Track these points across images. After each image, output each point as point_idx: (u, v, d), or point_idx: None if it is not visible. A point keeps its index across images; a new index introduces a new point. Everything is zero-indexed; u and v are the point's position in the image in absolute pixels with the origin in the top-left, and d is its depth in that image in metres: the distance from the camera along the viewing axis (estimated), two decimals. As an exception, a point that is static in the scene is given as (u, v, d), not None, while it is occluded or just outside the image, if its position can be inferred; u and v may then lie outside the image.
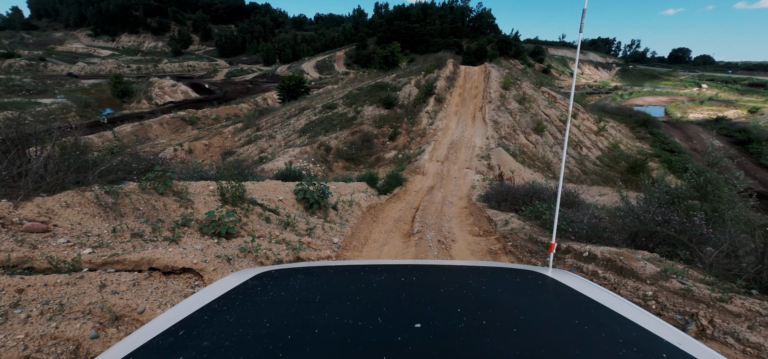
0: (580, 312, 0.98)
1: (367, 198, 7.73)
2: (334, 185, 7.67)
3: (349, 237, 5.21)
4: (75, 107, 38.53)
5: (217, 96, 51.14)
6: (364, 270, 1.27)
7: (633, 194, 17.71)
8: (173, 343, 0.82)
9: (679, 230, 3.72)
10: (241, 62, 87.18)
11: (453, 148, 17.68)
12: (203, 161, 22.73)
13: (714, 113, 45.29)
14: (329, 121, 21.35)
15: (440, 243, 5.48)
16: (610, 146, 21.83)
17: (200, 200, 3.74)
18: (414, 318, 0.91)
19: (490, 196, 8.86)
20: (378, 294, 1.08)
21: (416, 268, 1.30)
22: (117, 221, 2.78)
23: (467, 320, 0.90)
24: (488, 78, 26.08)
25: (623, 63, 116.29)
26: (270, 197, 4.90)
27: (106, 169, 3.29)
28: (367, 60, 70.44)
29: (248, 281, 1.20)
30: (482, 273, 1.27)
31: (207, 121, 35.64)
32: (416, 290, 1.12)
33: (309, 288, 1.12)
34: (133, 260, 2.33)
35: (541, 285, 1.19)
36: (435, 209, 8.57)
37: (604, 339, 0.84)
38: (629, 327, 0.89)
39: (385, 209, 8.01)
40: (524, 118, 21.52)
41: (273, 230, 3.97)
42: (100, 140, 26.11)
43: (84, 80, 57.48)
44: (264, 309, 0.99)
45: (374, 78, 28.88)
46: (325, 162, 17.58)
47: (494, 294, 1.09)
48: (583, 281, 1.22)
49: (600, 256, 3.53)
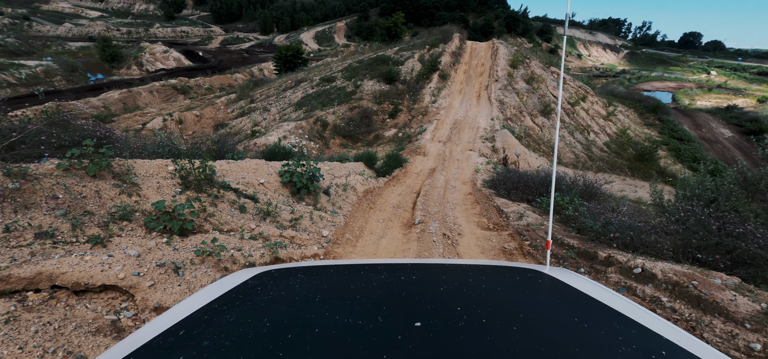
0: (579, 309, 0.98)
1: (363, 181, 7.00)
2: (328, 165, 6.91)
3: (342, 228, 4.51)
4: (61, 71, 36.89)
5: (212, 65, 49.22)
6: (364, 269, 1.27)
7: (639, 184, 17.13)
8: (173, 343, 0.81)
9: (764, 245, 2.91)
10: (237, 30, 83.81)
11: (456, 128, 16.81)
12: (193, 132, 21.77)
13: (722, 100, 44.17)
14: (327, 95, 20.26)
15: (446, 238, 4.81)
16: (618, 132, 21.02)
17: (151, 184, 2.98)
18: (414, 316, 0.91)
19: (497, 182, 8.15)
20: (378, 292, 1.08)
21: (416, 267, 1.30)
22: (17, 214, 2.03)
23: (467, 318, 0.90)
24: (496, 55, 24.78)
25: (632, 46, 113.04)
26: (249, 181, 4.15)
27: (18, 139, 2.47)
28: (368, 32, 67.69)
29: (248, 280, 1.19)
30: (481, 272, 1.27)
31: (200, 90, 34.20)
32: (416, 289, 1.11)
33: (309, 288, 1.12)
34: (24, 276, 1.62)
35: (541, 282, 1.18)
36: (437, 194, 7.88)
37: (604, 336, 0.84)
38: (629, 325, 0.89)
39: (384, 194, 7.30)
40: (532, 99, 20.52)
41: (248, 222, 3.26)
42: (86, 106, 24.94)
43: (71, 43, 54.96)
44: (264, 308, 0.99)
45: (375, 51, 27.41)
46: (321, 138, 16.70)
47: (494, 293, 1.09)
48: (582, 278, 1.21)
49: (661, 277, 2.73)
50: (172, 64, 47.59)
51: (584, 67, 77.89)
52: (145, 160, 3.37)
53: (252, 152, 7.74)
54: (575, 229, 4.40)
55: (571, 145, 18.36)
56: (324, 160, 7.82)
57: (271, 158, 6.35)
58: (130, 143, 4.47)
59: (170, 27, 78.06)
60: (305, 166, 4.98)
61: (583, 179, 6.04)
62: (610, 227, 3.83)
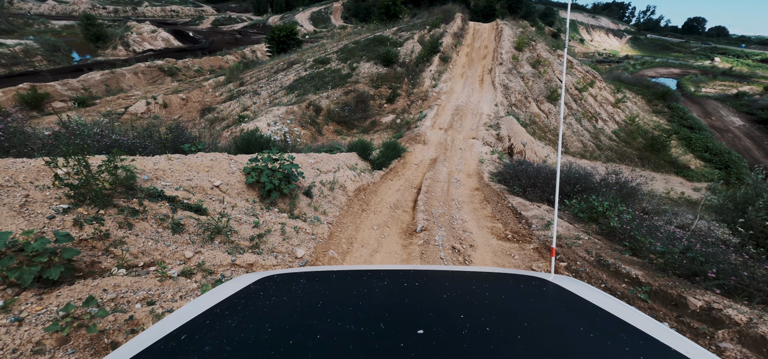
0: (585, 319, 0.96)
1: (355, 177, 6.00)
2: (315, 157, 5.87)
3: (325, 242, 3.53)
4: (42, 51, 35.10)
5: (203, 46, 47.24)
6: (366, 275, 1.26)
7: (649, 175, 16.17)
8: (175, 348, 0.80)
9: None
10: (230, 10, 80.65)
11: (458, 114, 15.71)
12: (179, 117, 20.49)
13: (727, 88, 43.05)
14: (321, 77, 18.96)
15: (455, 252, 3.86)
16: (627, 120, 20.00)
17: (12, 200, 1.94)
18: (416, 324, 0.89)
19: (507, 176, 7.16)
20: (380, 299, 1.06)
21: (419, 273, 1.29)
22: None
23: (470, 326, 0.88)
24: (500, 37, 23.40)
25: (635, 31, 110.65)
26: (196, 184, 3.12)
27: None
28: (366, 13, 65.15)
29: (251, 285, 1.18)
30: (485, 279, 1.25)
31: (188, 73, 32.56)
32: (419, 295, 1.09)
33: (311, 293, 1.11)
34: None
35: (545, 291, 1.16)
36: (440, 190, 6.90)
37: (611, 347, 0.82)
38: (636, 335, 0.86)
39: (380, 191, 6.31)
40: (537, 84, 19.36)
41: (182, 248, 2.28)
42: (64, 88, 23.46)
43: (55, 21, 52.42)
44: (266, 313, 0.98)
45: (373, 32, 25.88)
46: (313, 125, 15.55)
47: (497, 301, 1.07)
48: (587, 287, 1.18)
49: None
50: (161, 44, 45.66)
51: (587, 53, 76.04)
52: (10, 159, 2.31)
53: (228, 141, 6.59)
54: (628, 249, 3.39)
55: (579, 133, 17.36)
56: (310, 150, 6.76)
57: (246, 149, 5.29)
58: (38, 133, 3.38)
59: (159, 6, 74.82)
60: (281, 160, 3.95)
61: (616, 176, 5.06)
62: (695, 256, 2.69)
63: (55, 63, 33.61)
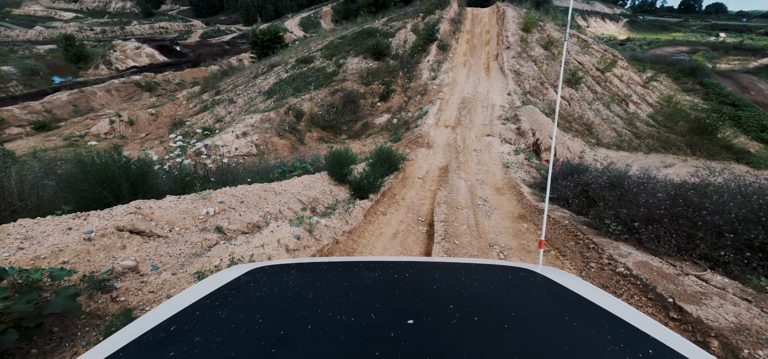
0: (569, 308, 0.97)
1: (306, 237, 3.36)
2: (232, 194, 3.26)
3: None
4: (18, 75, 32.91)
5: (189, 59, 45.10)
6: (358, 267, 1.25)
7: (704, 164, 13.11)
8: (164, 339, 0.80)
9: None
10: (219, 22, 78.95)
11: (465, 108, 13.11)
12: (146, 134, 18.04)
13: (742, 62, 40.12)
14: (303, 78, 16.46)
15: None
16: (662, 101, 17.25)
17: None
18: (407, 314, 0.91)
19: (565, 190, 4.50)
20: (371, 290, 1.06)
21: (410, 265, 1.29)
22: None
23: (459, 316, 0.90)
24: (503, 19, 20.83)
25: (631, 14, 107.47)
26: None
27: None
28: (356, 15, 62.97)
29: (241, 276, 1.16)
30: (475, 271, 1.24)
31: (169, 86, 30.13)
32: (409, 286, 1.10)
33: (302, 284, 1.10)
34: None
35: (533, 282, 1.17)
36: (466, 224, 4.30)
37: (593, 335, 0.83)
38: (617, 324, 0.88)
39: (363, 240, 3.70)
40: (553, 67, 16.71)
41: None
42: (24, 112, 20.99)
43: (40, 46, 50.68)
44: (257, 304, 0.97)
45: (360, 24, 23.35)
46: (293, 132, 13.01)
47: (486, 291, 1.08)
48: (573, 278, 1.19)
49: None
50: (145, 60, 43.58)
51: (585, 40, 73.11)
52: None
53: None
54: None
55: (610, 120, 14.67)
56: (247, 176, 4.15)
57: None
58: None
59: (148, 23, 73.21)
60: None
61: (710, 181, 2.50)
62: None
63: (32, 87, 31.39)
